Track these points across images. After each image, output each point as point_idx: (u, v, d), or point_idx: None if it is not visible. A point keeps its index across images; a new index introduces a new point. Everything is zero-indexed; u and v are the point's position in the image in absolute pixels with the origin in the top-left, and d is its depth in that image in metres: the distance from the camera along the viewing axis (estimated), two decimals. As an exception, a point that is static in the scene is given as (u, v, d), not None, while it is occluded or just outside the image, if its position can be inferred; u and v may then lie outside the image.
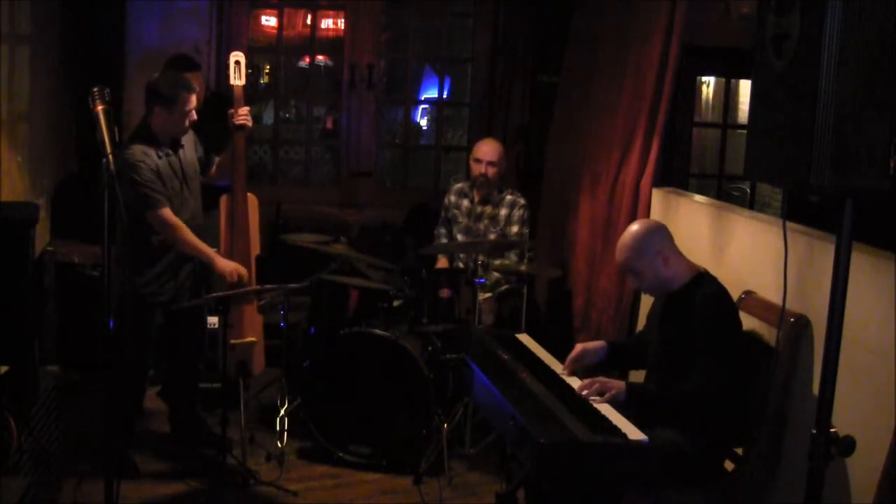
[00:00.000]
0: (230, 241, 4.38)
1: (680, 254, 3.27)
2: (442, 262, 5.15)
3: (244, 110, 4.31)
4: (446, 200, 5.25)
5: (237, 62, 4.38)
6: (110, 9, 5.70)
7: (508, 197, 5.07)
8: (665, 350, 3.24)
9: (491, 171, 4.98)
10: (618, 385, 3.08)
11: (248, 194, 4.45)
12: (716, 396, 3.03)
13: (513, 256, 5.00)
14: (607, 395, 3.05)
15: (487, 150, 5.01)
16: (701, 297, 3.14)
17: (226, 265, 4.14)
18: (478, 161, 4.99)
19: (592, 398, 3.05)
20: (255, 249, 4.45)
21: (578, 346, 3.42)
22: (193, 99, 4.06)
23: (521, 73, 6.14)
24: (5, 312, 3.38)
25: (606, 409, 2.98)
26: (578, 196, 5.25)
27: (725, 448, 3.25)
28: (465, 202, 5.15)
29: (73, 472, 3.85)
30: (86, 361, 4.94)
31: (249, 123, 4.36)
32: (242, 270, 4.17)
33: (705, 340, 3.05)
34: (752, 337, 3.27)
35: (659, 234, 3.24)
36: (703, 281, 3.21)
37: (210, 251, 4.14)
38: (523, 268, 4.80)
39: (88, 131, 2.94)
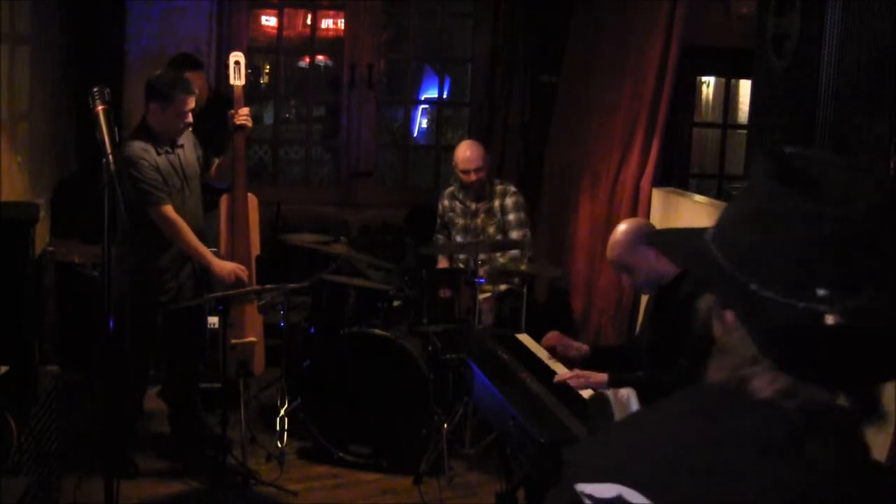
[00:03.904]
0: (230, 241, 4.38)
1: None
2: (442, 263, 5.16)
3: (244, 110, 4.31)
4: (440, 206, 5.27)
5: (237, 62, 4.38)
6: (110, 9, 5.69)
7: (499, 187, 5.11)
8: (655, 345, 3.24)
9: (480, 175, 5.01)
10: (600, 377, 3.10)
11: (249, 194, 4.45)
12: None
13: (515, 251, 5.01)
14: (590, 384, 3.07)
15: (470, 156, 5.01)
16: (687, 288, 3.15)
17: (223, 268, 4.12)
18: (465, 172, 5.01)
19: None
20: (256, 250, 4.44)
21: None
22: (191, 101, 4.05)
23: (521, 73, 6.14)
24: (5, 312, 3.38)
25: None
26: (578, 196, 5.25)
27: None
28: (458, 204, 5.18)
29: (73, 472, 3.85)
30: (86, 361, 4.94)
31: (249, 124, 4.35)
32: (241, 272, 4.16)
33: (691, 330, 3.05)
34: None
35: (647, 228, 3.29)
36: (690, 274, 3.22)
37: (208, 253, 4.12)
38: (523, 267, 4.80)
39: (88, 131, 2.95)
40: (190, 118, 4.07)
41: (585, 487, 1.01)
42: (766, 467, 0.98)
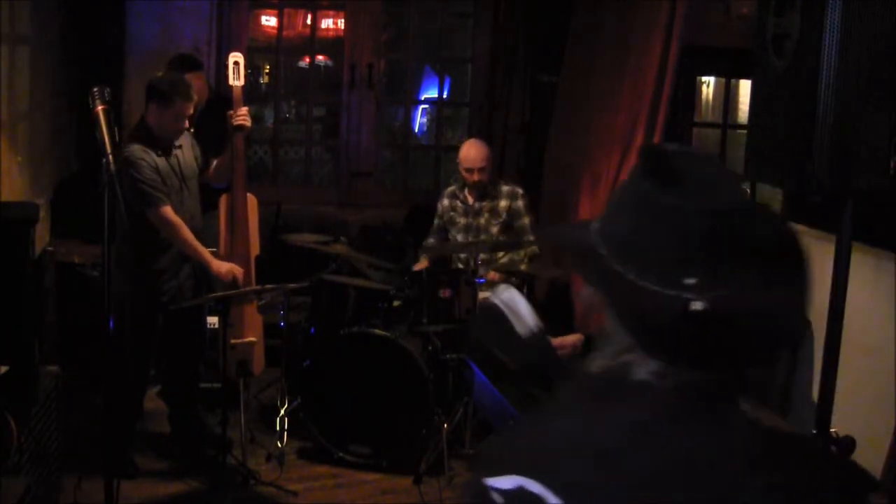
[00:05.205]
0: (229, 241, 4.38)
1: None
2: (422, 265, 5.05)
3: (243, 111, 4.31)
4: (439, 206, 5.23)
5: (236, 63, 4.38)
6: (110, 9, 5.70)
7: (505, 188, 5.07)
8: None
9: (483, 174, 5.00)
10: (574, 338, 3.12)
11: (248, 195, 4.45)
12: None
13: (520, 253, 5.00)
14: (566, 350, 3.08)
15: (475, 155, 4.99)
16: None
17: (220, 266, 4.13)
18: (469, 171, 5.00)
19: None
20: (255, 250, 4.45)
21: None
22: (189, 107, 4.06)
23: (521, 73, 6.14)
24: (5, 312, 3.38)
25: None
26: (578, 196, 5.25)
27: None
28: (459, 203, 5.16)
29: (73, 472, 3.85)
30: (86, 361, 4.94)
31: (248, 124, 4.35)
32: (238, 271, 4.16)
33: None
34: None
35: None
36: None
37: (206, 253, 4.13)
38: (523, 267, 4.80)
39: (88, 131, 2.95)
40: (187, 123, 4.10)
41: (491, 481, 1.06)
42: (643, 447, 1.02)
